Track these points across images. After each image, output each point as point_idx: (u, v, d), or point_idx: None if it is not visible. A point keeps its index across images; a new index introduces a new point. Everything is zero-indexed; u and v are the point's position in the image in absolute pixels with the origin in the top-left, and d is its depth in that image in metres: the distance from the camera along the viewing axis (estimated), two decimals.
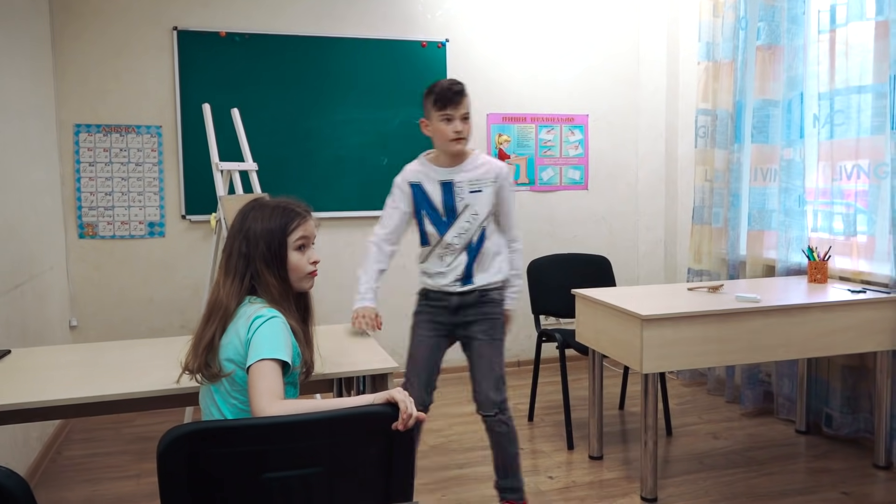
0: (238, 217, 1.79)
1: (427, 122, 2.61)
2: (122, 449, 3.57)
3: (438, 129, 2.55)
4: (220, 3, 4.26)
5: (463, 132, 2.55)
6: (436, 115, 2.54)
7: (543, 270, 3.94)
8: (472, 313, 2.70)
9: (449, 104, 2.52)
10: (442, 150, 2.62)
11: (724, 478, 3.18)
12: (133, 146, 4.16)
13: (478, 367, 2.70)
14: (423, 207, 2.67)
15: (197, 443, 1.42)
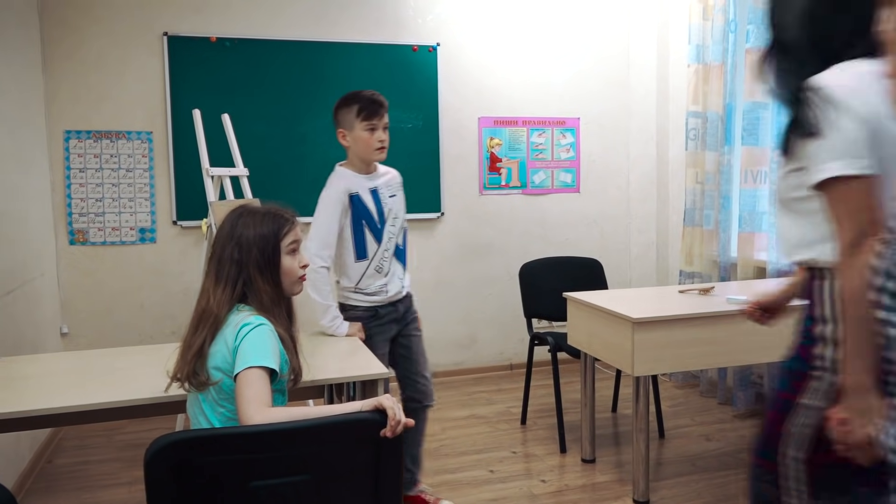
0: (226, 223, 1.78)
1: (345, 132, 2.63)
2: (114, 456, 3.56)
3: (361, 138, 2.61)
4: (211, 9, 4.25)
5: (385, 142, 2.65)
6: (360, 124, 2.60)
7: (535, 274, 3.94)
8: (409, 313, 2.86)
9: (374, 115, 2.60)
10: (362, 160, 2.67)
11: (717, 479, 3.19)
12: (124, 152, 4.15)
13: (419, 362, 2.86)
14: (363, 217, 2.68)
15: (184, 451, 1.42)
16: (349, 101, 2.62)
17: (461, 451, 3.55)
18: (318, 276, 2.59)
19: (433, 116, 4.65)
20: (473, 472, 3.29)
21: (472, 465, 3.36)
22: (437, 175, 4.68)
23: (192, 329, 1.73)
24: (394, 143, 4.54)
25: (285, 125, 4.38)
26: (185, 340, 1.74)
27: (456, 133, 4.74)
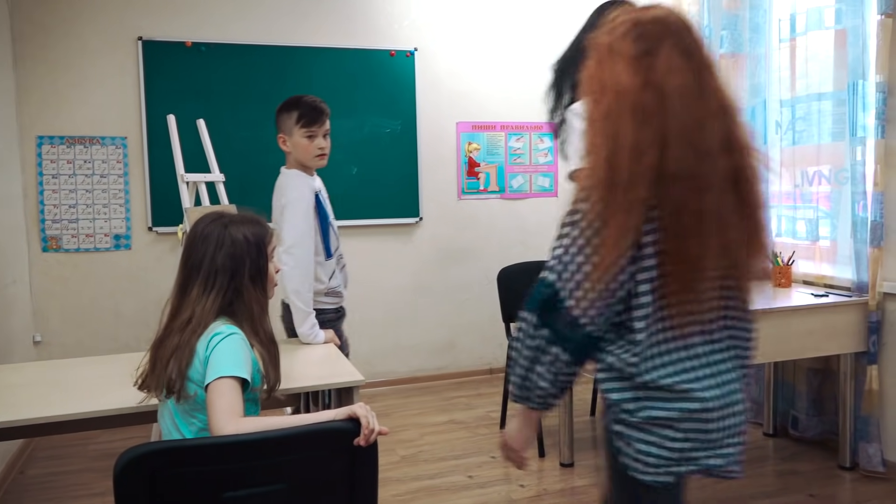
0: (212, 230, 1.73)
1: (285, 137, 2.61)
2: (88, 467, 3.51)
3: (300, 144, 2.59)
4: (186, 13, 4.22)
5: (326, 149, 2.65)
6: (299, 131, 2.58)
7: (514, 278, 3.95)
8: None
9: (314, 122, 2.59)
10: (302, 165, 2.65)
11: (694, 483, 3.20)
12: (98, 158, 4.10)
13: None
14: (326, 217, 2.68)
15: (155, 463, 1.40)
16: (290, 107, 2.60)
17: (440, 456, 3.54)
18: (305, 282, 2.54)
19: (411, 121, 4.65)
20: (452, 477, 3.29)
21: (451, 471, 3.36)
22: (416, 180, 4.68)
23: (173, 337, 1.68)
24: (372, 148, 4.58)
25: (261, 131, 4.35)
26: (161, 350, 1.70)
27: (434, 138, 4.74)
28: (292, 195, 2.55)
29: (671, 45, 1.37)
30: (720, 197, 1.37)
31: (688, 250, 1.35)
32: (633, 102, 1.34)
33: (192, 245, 1.74)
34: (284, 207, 2.56)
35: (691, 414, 1.40)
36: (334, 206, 4.48)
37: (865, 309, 3.22)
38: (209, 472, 1.43)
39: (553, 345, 1.43)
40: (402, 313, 4.70)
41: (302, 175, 2.62)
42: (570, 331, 1.41)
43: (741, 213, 1.41)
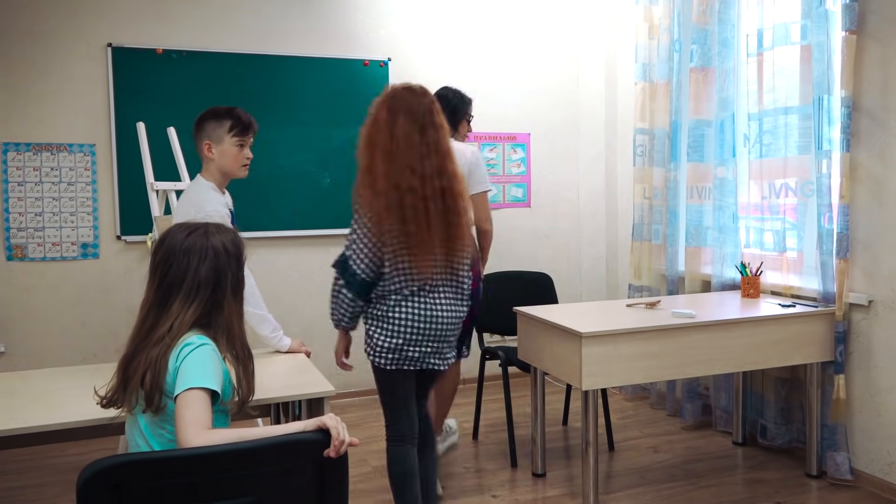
0: (193, 241, 1.70)
1: (211, 144, 2.61)
2: (53, 480, 3.43)
3: (230, 152, 2.62)
4: (157, 20, 4.18)
5: (250, 159, 2.70)
6: (230, 139, 2.61)
7: (486, 288, 3.95)
8: None
9: (246, 133, 2.64)
10: (225, 174, 2.66)
11: (664, 491, 3.23)
12: (65, 165, 4.04)
13: None
14: None
15: (119, 476, 1.38)
16: (221, 116, 2.61)
17: None
18: (252, 286, 2.55)
19: None
20: None
21: None
22: None
23: (149, 350, 1.63)
24: (345, 157, 4.54)
25: None
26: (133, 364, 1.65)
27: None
28: (209, 208, 2.51)
29: (404, 114, 2.38)
30: (435, 203, 2.35)
31: (417, 235, 2.32)
32: (383, 149, 2.36)
33: (171, 257, 1.69)
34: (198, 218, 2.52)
35: (403, 322, 2.38)
36: (305, 215, 4.50)
37: (832, 319, 3.28)
38: (175, 484, 1.41)
39: (344, 288, 2.40)
40: None
41: (213, 188, 2.63)
42: (353, 278, 2.37)
43: (448, 215, 2.38)
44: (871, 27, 3.12)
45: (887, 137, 3.08)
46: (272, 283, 4.41)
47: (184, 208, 2.57)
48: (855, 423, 3.27)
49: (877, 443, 3.18)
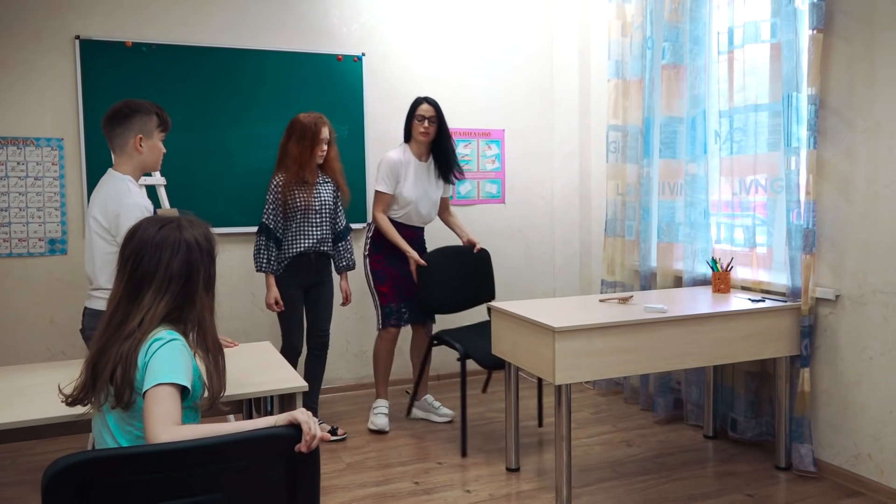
0: (167, 236, 1.68)
1: (143, 139, 2.58)
2: (19, 479, 3.37)
3: (158, 148, 2.66)
4: (126, 12, 4.12)
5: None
6: (159, 135, 2.65)
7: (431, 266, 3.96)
8: None
9: (168, 129, 2.70)
10: (146, 169, 2.67)
11: (637, 485, 3.26)
12: (32, 159, 3.96)
13: None
14: None
15: (86, 473, 1.36)
16: (149, 110, 2.61)
17: (386, 463, 3.52)
18: None
19: (359, 126, 4.63)
20: (398, 484, 3.27)
21: (398, 478, 3.34)
22: (364, 185, 4.65)
23: (119, 345, 1.61)
24: None
25: (205, 134, 4.28)
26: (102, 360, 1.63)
27: (382, 143, 4.71)
28: (128, 201, 2.48)
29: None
30: None
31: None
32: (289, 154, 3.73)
33: (142, 251, 1.67)
34: (120, 213, 2.47)
35: None
36: None
37: (799, 314, 3.33)
38: (142, 481, 1.39)
39: (261, 238, 3.69)
40: (351, 319, 4.67)
41: (134, 183, 2.60)
42: (267, 231, 3.66)
43: None
44: (839, 26, 3.17)
45: (853, 135, 3.14)
46: (242, 278, 4.37)
47: (103, 202, 2.51)
48: (821, 416, 3.33)
49: (843, 435, 3.24)
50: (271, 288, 3.74)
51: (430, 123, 3.91)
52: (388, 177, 3.92)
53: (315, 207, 3.79)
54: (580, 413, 4.22)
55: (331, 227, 3.90)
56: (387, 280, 4.01)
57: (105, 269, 2.52)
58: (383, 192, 3.94)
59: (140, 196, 2.57)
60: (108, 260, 2.51)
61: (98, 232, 2.52)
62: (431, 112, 3.92)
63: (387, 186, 3.93)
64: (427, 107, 3.92)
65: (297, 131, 3.77)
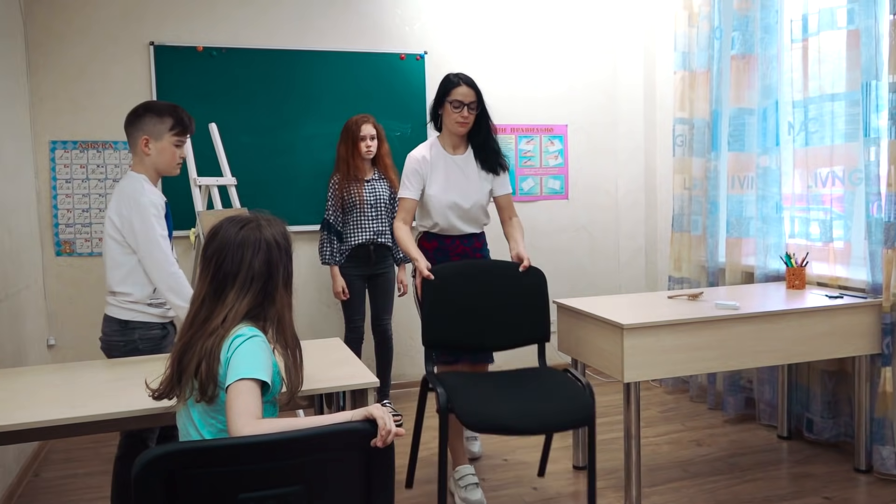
0: (248, 236, 1.72)
1: (149, 140, 2.54)
2: (102, 469, 3.52)
3: (168, 150, 2.58)
4: (197, 18, 4.24)
5: (183, 159, 2.67)
6: (170, 138, 2.57)
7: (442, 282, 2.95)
8: None
9: (186, 133, 2.62)
10: (159, 171, 2.62)
11: (708, 485, 3.19)
12: (110, 162, 4.13)
13: None
14: (170, 227, 2.64)
15: (173, 464, 1.40)
16: (162, 112, 2.57)
17: None
18: (174, 280, 2.51)
19: (421, 125, 4.66)
20: None
21: None
22: None
23: (204, 341, 1.66)
24: None
25: (272, 134, 4.38)
26: (188, 354, 1.68)
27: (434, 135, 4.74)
28: (144, 200, 2.48)
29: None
30: None
31: None
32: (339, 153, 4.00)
33: (224, 250, 1.72)
34: (132, 213, 2.48)
35: None
36: None
37: (880, 310, 3.20)
38: (225, 473, 1.43)
39: (323, 234, 3.95)
40: (415, 315, 4.70)
41: (150, 182, 2.58)
42: (328, 226, 3.89)
43: None
44: None
45: None
46: (311, 277, 4.45)
47: (117, 202, 2.52)
48: None
49: None
50: (336, 278, 4.00)
51: (469, 111, 3.08)
52: (411, 178, 3.16)
53: (370, 202, 3.98)
54: (648, 411, 4.15)
55: (389, 220, 4.05)
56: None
57: (115, 271, 2.53)
58: (405, 197, 3.16)
59: (154, 194, 2.54)
60: (117, 262, 2.52)
61: (111, 233, 2.52)
62: (472, 97, 3.08)
63: (409, 190, 3.15)
64: (466, 90, 3.08)
65: (343, 132, 4.03)
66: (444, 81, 3.14)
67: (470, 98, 3.07)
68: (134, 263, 2.52)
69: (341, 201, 3.98)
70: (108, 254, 2.55)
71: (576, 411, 2.55)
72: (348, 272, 4.03)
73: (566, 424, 2.61)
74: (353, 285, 4.04)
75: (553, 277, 4.99)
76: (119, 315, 2.56)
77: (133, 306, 2.55)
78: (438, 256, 3.17)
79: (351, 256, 4.02)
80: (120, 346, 2.58)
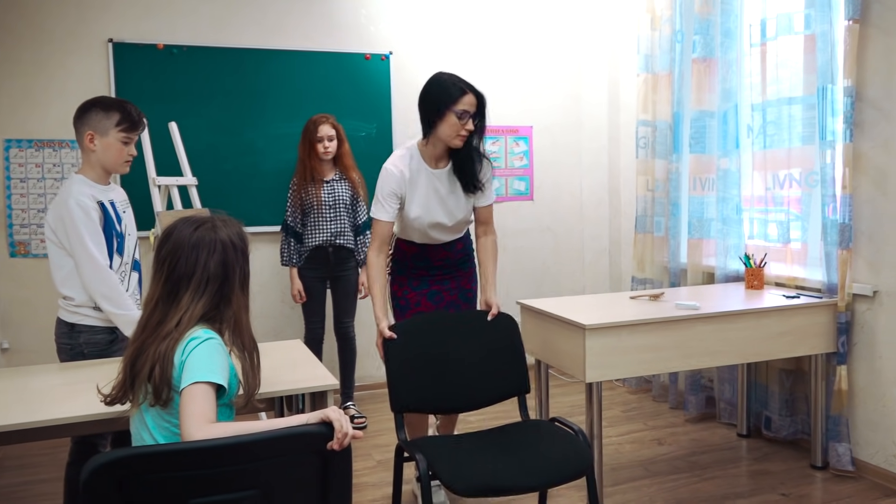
0: (203, 237, 1.70)
1: (94, 135, 2.46)
2: (57, 475, 3.41)
3: (115, 147, 2.48)
4: (158, 15, 4.17)
5: (133, 156, 2.58)
6: (117, 134, 2.48)
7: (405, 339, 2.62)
8: None
9: (135, 129, 2.52)
10: (106, 169, 2.53)
11: (669, 483, 3.23)
12: (67, 161, 4.04)
13: None
14: (110, 227, 2.52)
15: (123, 470, 1.38)
16: (109, 107, 2.48)
17: None
18: (106, 284, 2.44)
19: (387, 125, 4.64)
20: None
21: None
22: None
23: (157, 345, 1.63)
24: None
25: (235, 134, 4.32)
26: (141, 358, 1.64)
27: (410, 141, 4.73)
28: (70, 203, 2.40)
29: None
30: None
31: None
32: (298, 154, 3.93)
33: (178, 251, 1.69)
34: (63, 215, 2.41)
35: None
36: None
37: (835, 310, 3.27)
38: (177, 478, 1.41)
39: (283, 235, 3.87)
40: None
41: (88, 183, 2.49)
42: (286, 227, 3.91)
43: None
44: (875, 16, 3.10)
45: (891, 127, 3.07)
46: (275, 277, 4.41)
47: (54, 205, 2.46)
48: (859, 414, 3.26)
49: (881, 433, 3.17)
50: (294, 280, 3.99)
51: (472, 123, 2.73)
52: (387, 199, 2.75)
53: (328, 203, 3.95)
54: (611, 411, 4.19)
55: (349, 221, 4.00)
56: (413, 309, 2.94)
57: (57, 274, 2.47)
58: (379, 219, 2.74)
59: (85, 196, 2.43)
60: (58, 265, 2.47)
61: (49, 236, 2.46)
62: (474, 107, 2.71)
63: (384, 212, 2.74)
64: (472, 98, 2.70)
65: (302, 133, 4.00)
66: (448, 87, 2.69)
67: (474, 108, 2.70)
68: (73, 266, 2.46)
69: (300, 202, 3.96)
70: (50, 257, 2.49)
71: (573, 461, 2.31)
72: (307, 274, 4.00)
73: (565, 477, 2.28)
74: (313, 287, 4.02)
75: (518, 278, 5.03)
76: (66, 318, 2.51)
77: (78, 310, 2.49)
78: (418, 263, 2.94)
79: (310, 258, 3.99)
80: (66, 350, 2.53)
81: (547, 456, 2.34)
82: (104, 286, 2.44)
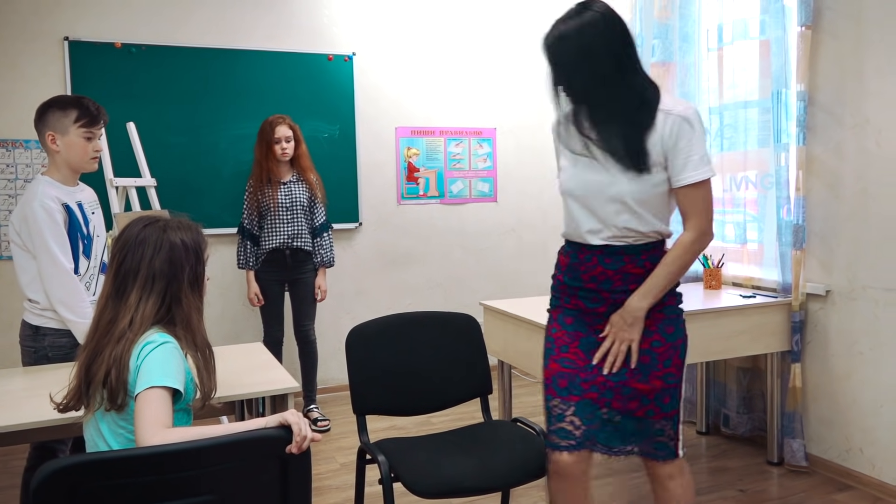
0: (149, 234, 1.68)
1: (55, 136, 2.44)
2: (10, 483, 3.36)
3: (78, 144, 2.45)
4: (116, 13, 4.10)
5: (100, 152, 2.56)
6: (77, 130, 2.44)
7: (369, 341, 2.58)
8: None
9: (95, 124, 2.49)
10: (73, 168, 2.50)
11: (631, 481, 3.27)
12: (21, 161, 3.94)
13: None
14: (76, 230, 2.48)
15: (77, 476, 1.35)
16: (66, 105, 2.45)
17: None
18: (77, 293, 2.41)
19: (350, 126, 4.62)
20: None
21: None
22: (355, 185, 4.65)
23: (112, 347, 1.60)
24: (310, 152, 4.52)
25: (195, 134, 4.27)
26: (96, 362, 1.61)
27: (373, 143, 4.72)
28: (34, 205, 2.37)
29: None
30: None
31: None
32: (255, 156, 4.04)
33: (126, 248, 1.67)
34: (26, 215, 2.37)
35: None
36: None
37: (790, 309, 3.34)
38: (133, 484, 1.38)
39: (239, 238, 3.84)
40: (342, 319, 4.66)
41: (53, 184, 2.45)
42: (243, 230, 3.82)
43: None
44: (827, 22, 3.18)
45: (842, 131, 3.15)
46: (231, 280, 4.36)
47: (18, 206, 2.43)
48: (812, 411, 3.34)
49: (834, 430, 3.25)
50: (250, 283, 3.96)
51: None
52: None
53: (285, 205, 3.91)
54: None
55: (307, 223, 3.97)
56: (557, 353, 2.19)
57: (22, 276, 2.44)
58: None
59: (49, 198, 2.39)
60: (23, 268, 2.43)
61: (13, 238, 2.43)
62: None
63: None
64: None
65: (258, 134, 3.95)
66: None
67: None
68: (37, 269, 2.42)
69: (256, 205, 3.92)
70: (14, 259, 2.46)
71: (533, 461, 2.29)
72: (264, 277, 3.97)
73: (525, 477, 2.27)
74: (270, 290, 3.99)
75: (483, 279, 5.05)
76: (31, 320, 2.47)
77: (44, 313, 2.45)
78: None
79: (267, 261, 3.95)
80: (30, 353, 2.47)
81: (508, 456, 2.35)
82: (63, 291, 2.39)
